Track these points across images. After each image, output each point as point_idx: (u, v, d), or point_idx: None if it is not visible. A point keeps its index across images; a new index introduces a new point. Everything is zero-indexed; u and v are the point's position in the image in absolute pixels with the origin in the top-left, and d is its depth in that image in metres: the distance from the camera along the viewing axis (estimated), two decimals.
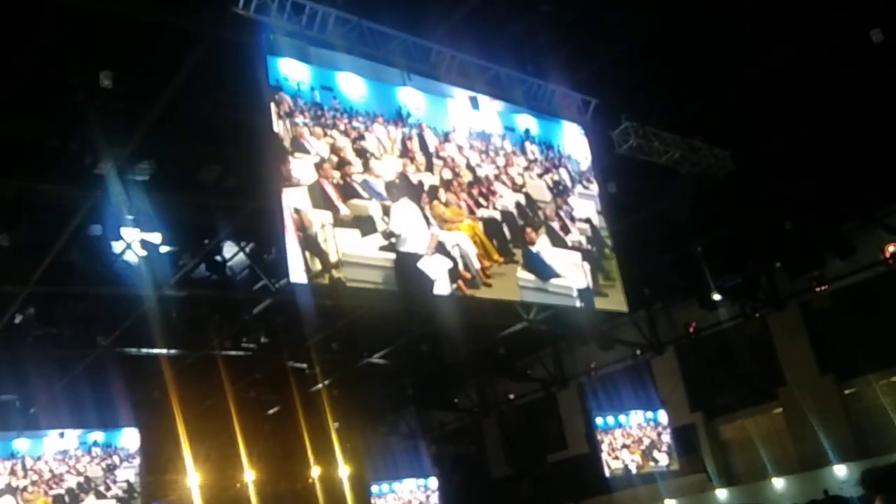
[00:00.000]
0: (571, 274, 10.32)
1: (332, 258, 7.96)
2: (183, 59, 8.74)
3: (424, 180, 9.31)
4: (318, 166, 8.28)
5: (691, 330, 20.58)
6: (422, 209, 8.99)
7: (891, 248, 17.02)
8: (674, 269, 17.33)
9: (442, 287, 8.82)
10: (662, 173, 12.12)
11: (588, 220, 11.16)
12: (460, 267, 9.08)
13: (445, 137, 9.96)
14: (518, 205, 10.31)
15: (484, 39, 9.97)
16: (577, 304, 10.38)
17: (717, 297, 18.38)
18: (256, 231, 12.92)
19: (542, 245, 10.17)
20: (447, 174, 9.65)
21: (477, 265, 9.28)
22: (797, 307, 19.28)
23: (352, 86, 9.10)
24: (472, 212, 9.64)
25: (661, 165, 11.69)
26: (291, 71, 8.50)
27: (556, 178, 11.10)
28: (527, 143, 11.02)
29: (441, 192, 9.40)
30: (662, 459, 20.47)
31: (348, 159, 8.59)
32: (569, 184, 11.21)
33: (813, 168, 13.96)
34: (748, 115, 12.25)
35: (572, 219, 10.92)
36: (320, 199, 8.11)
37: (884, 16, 10.30)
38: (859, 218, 16.93)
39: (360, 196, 8.48)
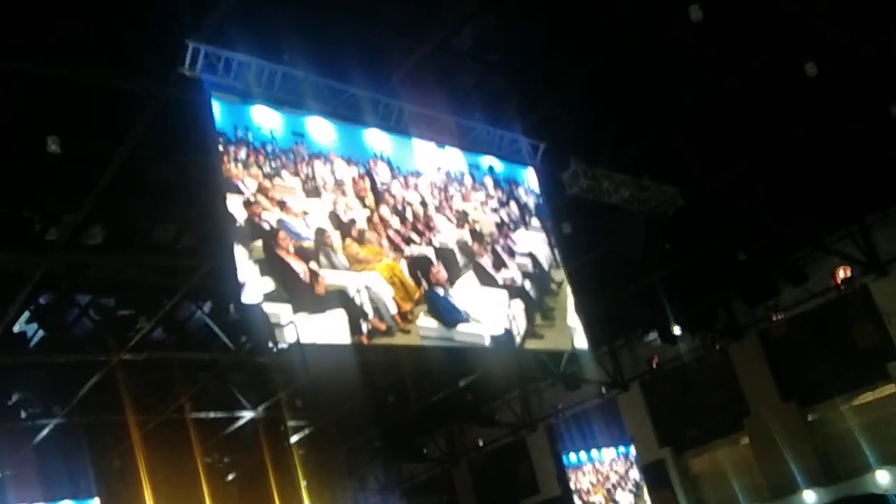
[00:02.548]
0: (490, 317, 9.63)
1: None
2: (131, 120, 8.72)
3: (357, 217, 9.03)
4: None
5: (654, 365, 20.74)
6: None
7: (841, 274, 17.41)
8: (632, 305, 17.52)
9: (339, 336, 8.08)
10: (614, 212, 12.31)
11: (530, 255, 10.89)
12: (369, 314, 8.34)
13: (396, 175, 9.97)
14: (460, 241, 10.10)
15: (433, 89, 10.14)
16: (488, 345, 9.65)
17: (677, 330, 18.60)
18: (213, 290, 12.81)
19: (462, 285, 9.63)
20: (385, 211, 9.44)
21: (393, 309, 8.60)
22: (756, 336, 19.55)
23: (320, 130, 9.29)
24: (398, 249, 9.21)
25: (612, 204, 11.88)
26: (264, 119, 8.71)
27: (508, 211, 11.14)
28: (486, 178, 11.17)
29: (357, 230, 8.91)
30: (625, 500, 20.25)
31: (272, 198, 8.31)
32: (518, 217, 11.23)
33: (760, 198, 14.30)
34: (693, 150, 12.54)
35: (512, 253, 10.66)
36: None
37: (815, 50, 10.68)
38: (809, 245, 17.31)
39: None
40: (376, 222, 9.19)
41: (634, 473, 20.67)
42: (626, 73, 10.55)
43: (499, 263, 10.38)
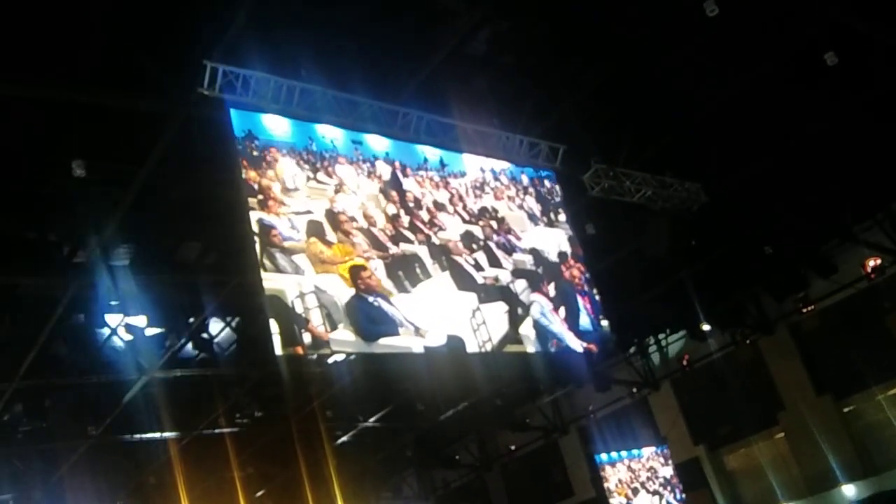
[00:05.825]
0: (442, 324, 8.78)
1: None
2: (153, 141, 8.82)
3: (347, 216, 8.88)
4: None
5: (685, 363, 20.56)
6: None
7: (871, 263, 17.18)
8: (661, 304, 17.38)
9: (276, 346, 7.55)
10: (638, 211, 12.25)
11: (533, 251, 10.60)
12: (311, 321, 7.71)
13: (434, 176, 10.22)
14: (461, 237, 9.91)
15: (450, 97, 10.16)
16: (419, 353, 8.67)
17: (706, 327, 18.44)
18: (241, 305, 12.90)
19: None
20: (391, 209, 9.41)
21: None
22: (787, 330, 19.31)
23: (377, 141, 9.77)
24: (381, 247, 8.87)
25: (635, 204, 11.82)
26: (328, 130, 9.34)
27: (532, 206, 11.14)
28: (523, 175, 11.29)
29: (331, 228, 8.57)
30: (643, 502, 19.84)
31: (272, 198, 8.36)
32: (539, 213, 11.18)
33: (785, 191, 14.15)
34: (714, 145, 12.44)
35: (510, 250, 10.33)
36: None
37: (835, 40, 10.57)
38: (837, 236, 17.10)
39: None
40: (345, 222, 8.79)
41: (666, 471, 20.39)
42: (642, 71, 10.51)
43: (493, 261, 9.99)
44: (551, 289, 10.43)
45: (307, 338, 7.64)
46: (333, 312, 7.94)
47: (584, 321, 10.58)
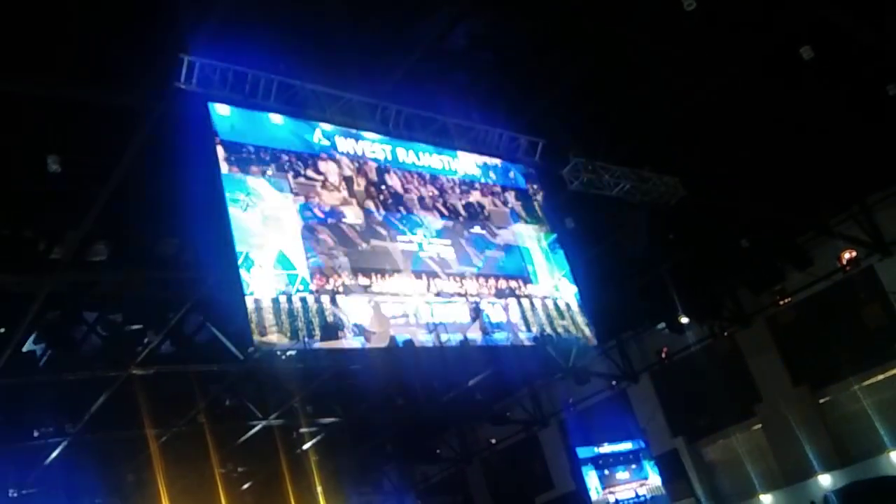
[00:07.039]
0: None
1: None
2: (130, 136, 8.73)
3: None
4: None
5: (663, 355, 20.71)
6: None
7: (846, 256, 17.40)
8: (639, 296, 17.49)
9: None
10: (617, 205, 12.29)
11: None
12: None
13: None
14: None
15: (428, 91, 10.14)
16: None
17: (684, 320, 18.58)
18: (220, 301, 12.81)
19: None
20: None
21: None
22: (763, 322, 19.51)
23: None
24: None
25: (614, 197, 11.86)
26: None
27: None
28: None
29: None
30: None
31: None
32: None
33: (762, 185, 14.27)
34: (692, 139, 12.52)
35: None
36: None
37: (812, 33, 10.65)
38: (813, 229, 17.28)
39: None
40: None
41: (644, 464, 20.40)
42: (621, 66, 10.53)
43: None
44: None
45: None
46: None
47: None
